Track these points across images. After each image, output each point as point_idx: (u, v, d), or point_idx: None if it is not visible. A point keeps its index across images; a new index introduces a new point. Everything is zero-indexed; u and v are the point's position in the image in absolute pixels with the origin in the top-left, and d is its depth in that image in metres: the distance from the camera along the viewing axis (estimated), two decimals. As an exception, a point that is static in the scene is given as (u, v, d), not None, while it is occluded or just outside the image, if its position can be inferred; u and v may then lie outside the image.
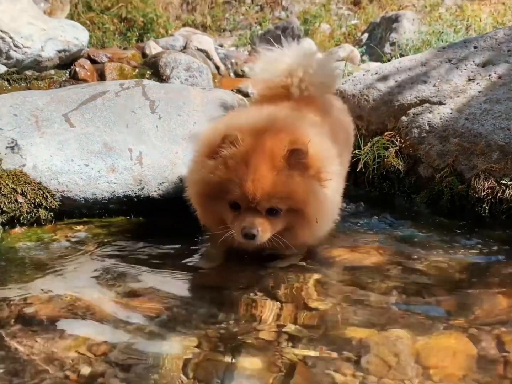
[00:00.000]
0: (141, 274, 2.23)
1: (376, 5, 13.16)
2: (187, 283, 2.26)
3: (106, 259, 2.38)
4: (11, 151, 2.71)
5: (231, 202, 2.13)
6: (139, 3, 10.56)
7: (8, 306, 1.89)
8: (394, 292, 2.11)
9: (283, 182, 2.07)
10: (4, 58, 4.53)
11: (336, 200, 2.36)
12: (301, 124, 2.32)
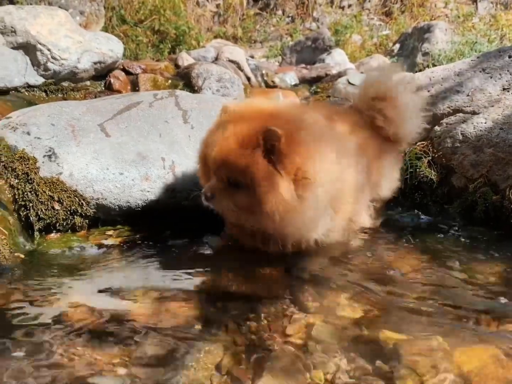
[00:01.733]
0: (173, 279, 2.26)
1: (408, 15, 13.09)
2: (217, 290, 2.26)
3: (138, 265, 2.42)
4: (49, 160, 2.79)
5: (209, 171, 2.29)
6: (172, 16, 10.73)
7: (42, 308, 1.93)
8: (430, 300, 2.09)
9: (242, 155, 2.12)
10: (42, 69, 4.66)
11: (319, 208, 2.31)
12: (301, 120, 2.32)
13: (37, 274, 2.29)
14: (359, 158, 2.62)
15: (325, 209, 2.39)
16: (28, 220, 2.69)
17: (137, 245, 2.68)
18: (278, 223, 2.21)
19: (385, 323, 1.88)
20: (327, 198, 2.33)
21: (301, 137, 2.18)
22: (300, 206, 2.19)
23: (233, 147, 2.14)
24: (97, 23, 9.97)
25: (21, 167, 2.73)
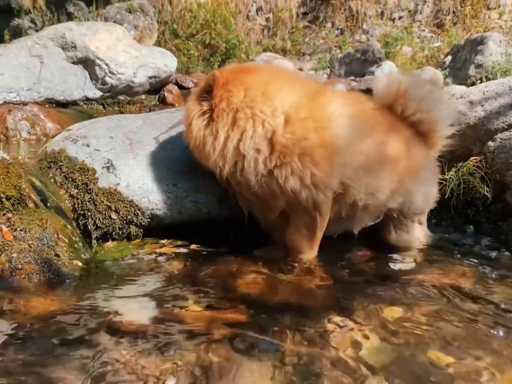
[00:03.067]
0: (223, 289, 2.31)
1: (460, 27, 12.86)
2: (266, 298, 2.29)
3: (190, 274, 2.48)
4: (107, 171, 2.90)
5: None
6: (223, 30, 10.93)
7: (98, 315, 2.01)
8: (484, 316, 2.05)
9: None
10: (100, 83, 4.86)
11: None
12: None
13: (94, 282, 2.39)
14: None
15: None
16: (86, 228, 2.81)
17: (190, 254, 2.75)
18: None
19: (434, 343, 1.86)
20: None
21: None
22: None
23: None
24: (150, 37, 10.27)
25: (81, 177, 2.86)
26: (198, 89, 2.68)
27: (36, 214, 2.54)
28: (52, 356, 1.71)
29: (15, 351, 1.74)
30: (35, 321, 1.97)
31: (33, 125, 4.14)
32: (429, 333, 1.93)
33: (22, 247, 2.39)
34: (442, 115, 2.91)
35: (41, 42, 4.68)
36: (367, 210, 2.73)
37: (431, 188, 2.99)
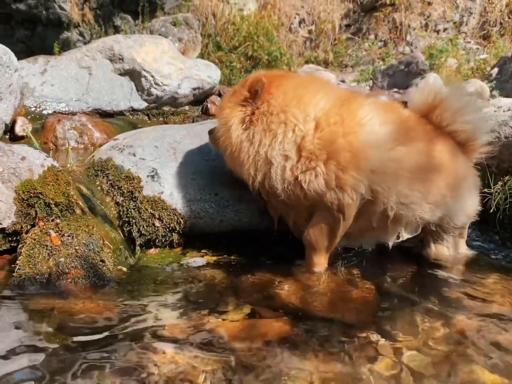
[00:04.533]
0: (263, 298, 2.33)
1: (507, 38, 12.59)
2: (308, 308, 2.29)
3: (231, 283, 2.51)
4: (152, 179, 2.97)
5: None
6: (265, 42, 11.03)
7: (140, 321, 2.05)
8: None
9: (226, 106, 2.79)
10: (146, 94, 4.98)
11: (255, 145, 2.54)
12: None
13: (137, 287, 2.44)
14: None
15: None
16: (131, 235, 2.88)
17: (231, 263, 2.78)
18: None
19: (479, 360, 1.82)
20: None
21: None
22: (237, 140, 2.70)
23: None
24: (194, 50, 10.46)
25: (126, 185, 2.93)
26: (238, 95, 2.66)
27: (83, 221, 2.63)
28: (93, 358, 1.75)
29: (60, 353, 1.79)
30: (81, 324, 2.03)
31: (81, 134, 4.28)
32: (471, 348, 1.89)
33: (69, 252, 2.47)
34: (479, 125, 2.85)
35: (90, 54, 4.84)
36: (400, 222, 2.66)
37: (472, 200, 2.90)
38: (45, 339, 1.88)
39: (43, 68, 4.84)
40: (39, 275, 2.35)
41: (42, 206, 2.64)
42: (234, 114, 2.60)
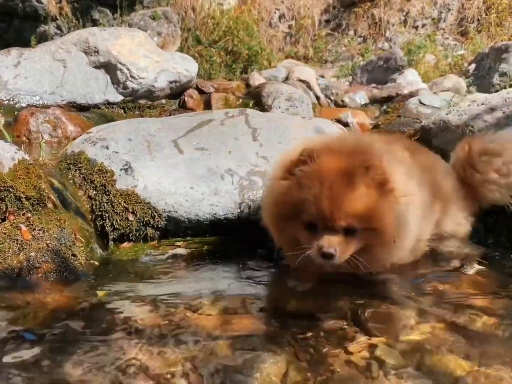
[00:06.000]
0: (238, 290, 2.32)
1: (484, 35, 12.73)
2: (278, 305, 2.28)
3: (205, 275, 2.49)
4: (125, 173, 2.94)
5: (306, 222, 2.13)
6: (245, 37, 10.98)
7: (112, 314, 2.02)
8: (502, 326, 1.99)
9: (359, 200, 2.07)
10: (121, 88, 4.93)
11: (415, 220, 2.30)
12: (376, 147, 2.35)
13: (109, 280, 2.42)
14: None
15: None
16: (104, 229, 2.84)
17: (206, 257, 2.76)
18: (394, 247, 2.24)
19: (453, 349, 1.82)
20: (417, 211, 2.35)
21: (386, 159, 2.22)
22: (403, 220, 2.21)
23: (349, 195, 2.08)
24: (173, 44, 10.37)
25: (99, 179, 2.90)
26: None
27: (54, 215, 2.58)
28: (64, 353, 1.72)
29: (29, 348, 1.76)
30: (50, 318, 2.00)
31: (55, 128, 4.22)
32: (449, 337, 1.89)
33: (40, 246, 2.43)
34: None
35: (65, 47, 4.76)
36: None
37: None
38: (13, 333, 1.85)
39: (16, 60, 4.75)
40: (9, 270, 2.30)
41: (13, 199, 2.58)
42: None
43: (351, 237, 2.11)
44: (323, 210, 2.05)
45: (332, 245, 2.06)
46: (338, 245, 2.08)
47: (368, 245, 2.16)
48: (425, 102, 7.05)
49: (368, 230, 2.12)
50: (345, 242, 2.10)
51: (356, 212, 2.07)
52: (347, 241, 2.10)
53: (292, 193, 2.14)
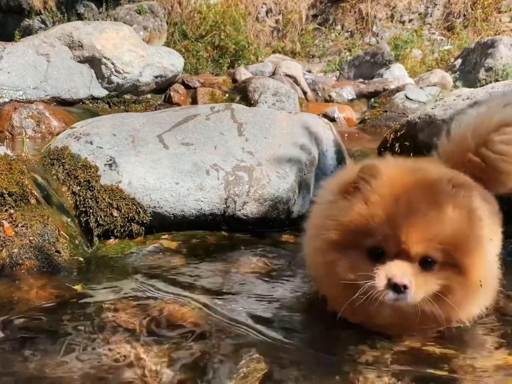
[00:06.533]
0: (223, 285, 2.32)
1: (471, 30, 12.82)
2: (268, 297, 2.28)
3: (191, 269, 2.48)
4: (109, 168, 2.91)
5: (370, 248, 1.67)
6: (232, 31, 10.96)
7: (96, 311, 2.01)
8: None
9: (445, 222, 1.64)
10: (106, 82, 4.89)
11: (495, 269, 1.86)
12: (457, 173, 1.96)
13: (94, 276, 2.40)
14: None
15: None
16: (88, 225, 2.81)
17: (192, 252, 2.75)
18: (477, 296, 1.77)
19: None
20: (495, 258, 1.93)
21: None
22: (491, 264, 1.82)
23: (433, 214, 1.64)
24: (159, 38, 10.32)
25: (83, 174, 2.87)
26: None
27: (38, 211, 2.55)
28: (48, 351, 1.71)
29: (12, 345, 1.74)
30: (34, 315, 1.98)
31: (39, 123, 4.17)
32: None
33: (23, 242, 2.40)
34: None
35: (48, 41, 4.71)
36: None
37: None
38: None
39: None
40: (-9, 267, 2.27)
41: (-6, 195, 2.55)
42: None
43: (428, 272, 1.65)
44: (396, 230, 1.62)
45: (406, 274, 1.60)
46: (414, 276, 1.61)
47: (447, 287, 1.67)
48: (411, 97, 7.09)
49: (449, 265, 1.66)
50: (422, 276, 1.63)
51: (439, 237, 1.62)
52: (424, 276, 1.64)
53: (356, 212, 1.69)
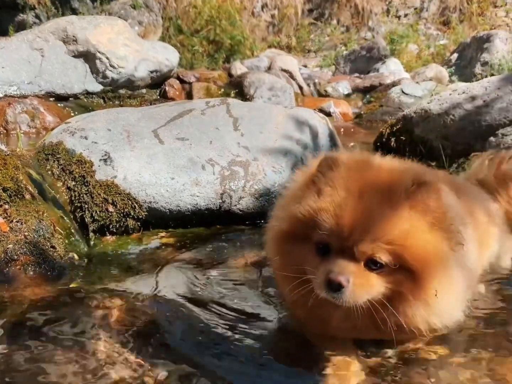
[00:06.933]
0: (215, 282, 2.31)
1: (466, 25, 12.81)
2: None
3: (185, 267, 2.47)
4: (104, 163, 2.89)
5: (318, 242, 1.56)
6: (227, 26, 10.91)
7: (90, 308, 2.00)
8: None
9: (399, 222, 1.49)
10: (101, 77, 4.86)
11: (466, 279, 1.69)
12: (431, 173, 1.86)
13: (89, 273, 2.40)
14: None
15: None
16: (83, 221, 2.80)
17: (188, 246, 2.75)
18: (433, 306, 1.58)
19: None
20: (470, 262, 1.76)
21: (445, 192, 1.67)
22: (454, 273, 1.61)
23: (384, 211, 1.50)
24: (154, 33, 10.27)
25: (78, 170, 2.85)
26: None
27: (32, 206, 2.54)
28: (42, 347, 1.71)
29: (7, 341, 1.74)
30: (29, 312, 1.97)
31: (33, 118, 4.15)
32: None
33: (18, 238, 2.39)
34: None
35: (42, 36, 4.68)
36: None
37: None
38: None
39: (-7, 49, 4.66)
40: (-14, 263, 2.26)
41: (-11, 191, 2.53)
42: None
43: (375, 273, 1.52)
44: (342, 225, 1.50)
45: (343, 272, 1.48)
46: (353, 275, 1.49)
47: (396, 292, 1.54)
48: (407, 91, 7.09)
49: (400, 270, 1.51)
50: (365, 277, 1.51)
51: (388, 238, 1.48)
52: (367, 277, 1.51)
53: (308, 202, 1.59)
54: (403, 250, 1.48)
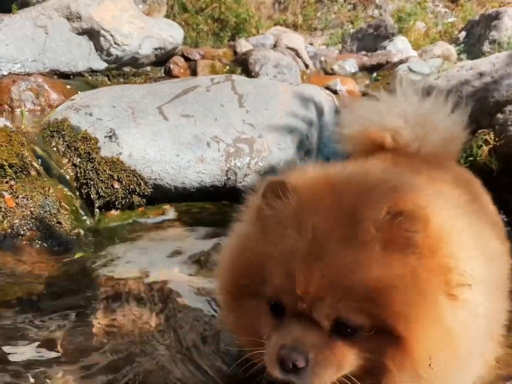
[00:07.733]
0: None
1: (475, 2, 12.61)
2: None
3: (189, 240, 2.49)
4: (109, 140, 2.89)
5: (270, 300, 1.19)
6: (233, 4, 10.78)
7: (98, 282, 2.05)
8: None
9: (368, 267, 1.09)
10: (105, 55, 4.83)
11: (481, 331, 1.23)
12: (418, 185, 1.33)
13: (94, 247, 2.44)
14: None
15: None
16: (89, 197, 2.81)
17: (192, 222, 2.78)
18: (428, 377, 1.14)
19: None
20: (486, 311, 1.23)
21: (437, 211, 1.18)
22: (458, 334, 1.14)
23: (350, 256, 1.10)
24: (159, 11, 10.16)
25: (83, 146, 2.85)
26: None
27: (38, 182, 2.55)
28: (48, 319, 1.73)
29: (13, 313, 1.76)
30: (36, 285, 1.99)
31: (38, 95, 4.14)
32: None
33: (24, 213, 2.41)
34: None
35: (46, 13, 4.64)
36: None
37: None
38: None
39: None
40: (-7, 237, 2.28)
41: (-5, 167, 2.54)
42: None
43: (345, 342, 1.13)
44: (293, 278, 1.11)
45: (300, 346, 1.10)
46: (314, 349, 1.10)
47: (377, 363, 1.14)
48: (415, 69, 7.01)
49: (380, 333, 1.11)
50: (332, 349, 1.12)
51: (358, 291, 1.09)
52: (335, 349, 1.12)
53: (251, 246, 1.23)
54: (380, 307, 1.08)
